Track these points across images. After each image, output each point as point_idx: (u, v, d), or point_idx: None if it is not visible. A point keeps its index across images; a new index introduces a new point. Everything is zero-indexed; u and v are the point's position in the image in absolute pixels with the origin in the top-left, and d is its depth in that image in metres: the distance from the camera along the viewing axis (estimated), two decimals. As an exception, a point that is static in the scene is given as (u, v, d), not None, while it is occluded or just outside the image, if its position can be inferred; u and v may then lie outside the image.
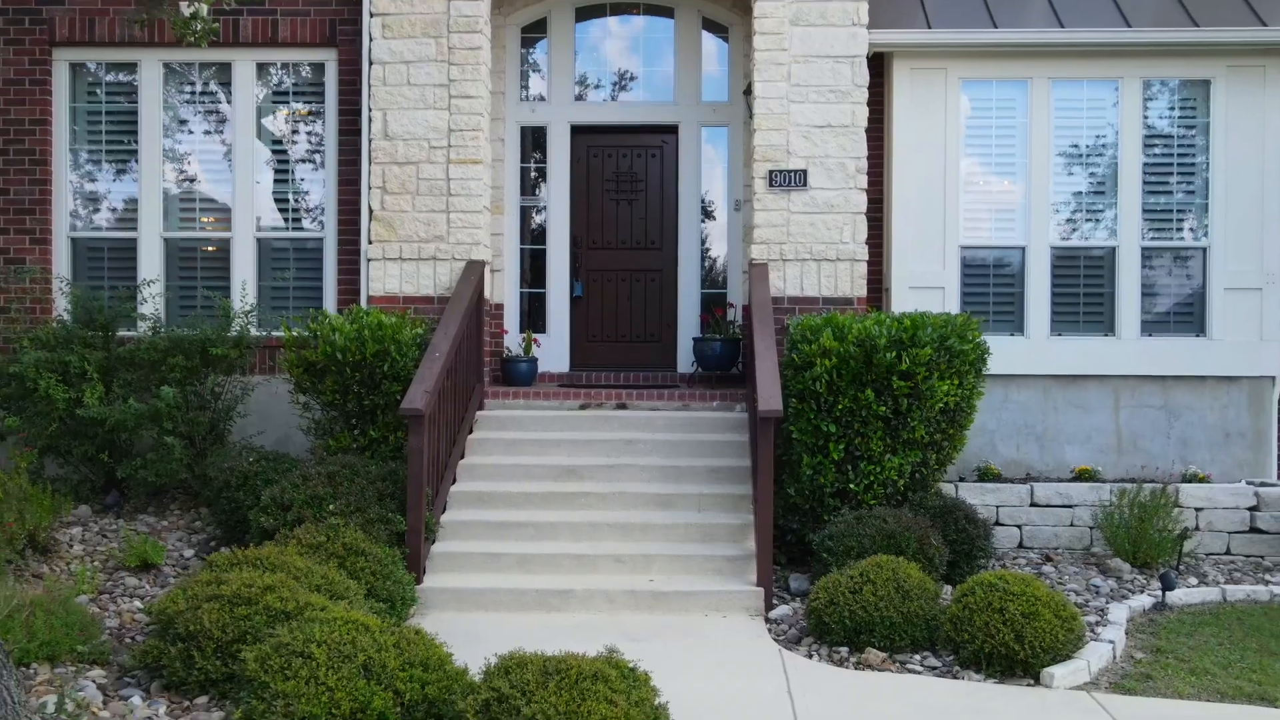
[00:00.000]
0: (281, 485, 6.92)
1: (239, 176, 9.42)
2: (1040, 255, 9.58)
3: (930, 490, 7.68)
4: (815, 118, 8.78)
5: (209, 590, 5.14)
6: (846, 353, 7.25)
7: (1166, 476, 9.23)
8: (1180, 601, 7.34)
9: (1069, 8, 9.71)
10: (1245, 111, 9.46)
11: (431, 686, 4.51)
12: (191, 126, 9.49)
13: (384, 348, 7.47)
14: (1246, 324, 9.50)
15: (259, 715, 4.33)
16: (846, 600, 6.02)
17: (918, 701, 5.29)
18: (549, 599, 6.64)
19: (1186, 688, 5.64)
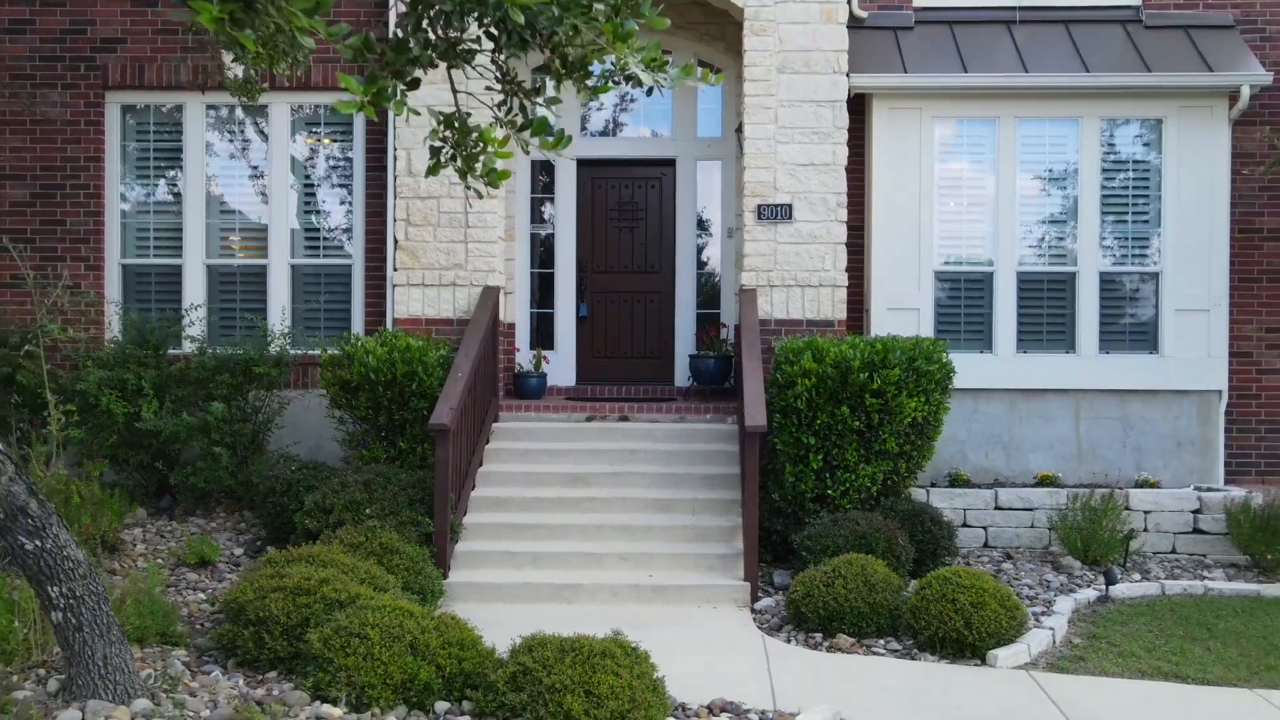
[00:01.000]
0: (323, 491, 7.81)
1: (274, 208, 10.31)
2: (1007, 279, 10.46)
3: (901, 495, 8.58)
4: (800, 157, 9.67)
5: (273, 583, 6.03)
6: (824, 373, 8.15)
7: (1121, 482, 10.11)
8: (1123, 595, 8.23)
9: (1033, 53, 10.60)
10: (1194, 148, 10.35)
11: (467, 662, 5.40)
12: (231, 162, 10.38)
13: (412, 369, 8.37)
14: (1196, 342, 10.38)
15: (326, 685, 5.22)
16: (820, 593, 6.91)
17: (877, 677, 6.19)
18: (561, 592, 7.52)
19: (1112, 667, 6.54)
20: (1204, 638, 7.22)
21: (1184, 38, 10.70)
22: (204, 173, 10.30)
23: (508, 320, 10.48)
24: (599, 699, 4.99)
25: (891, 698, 5.85)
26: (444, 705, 5.22)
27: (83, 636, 4.77)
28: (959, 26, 10.95)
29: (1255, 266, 10.85)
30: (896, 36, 10.84)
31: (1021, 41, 10.77)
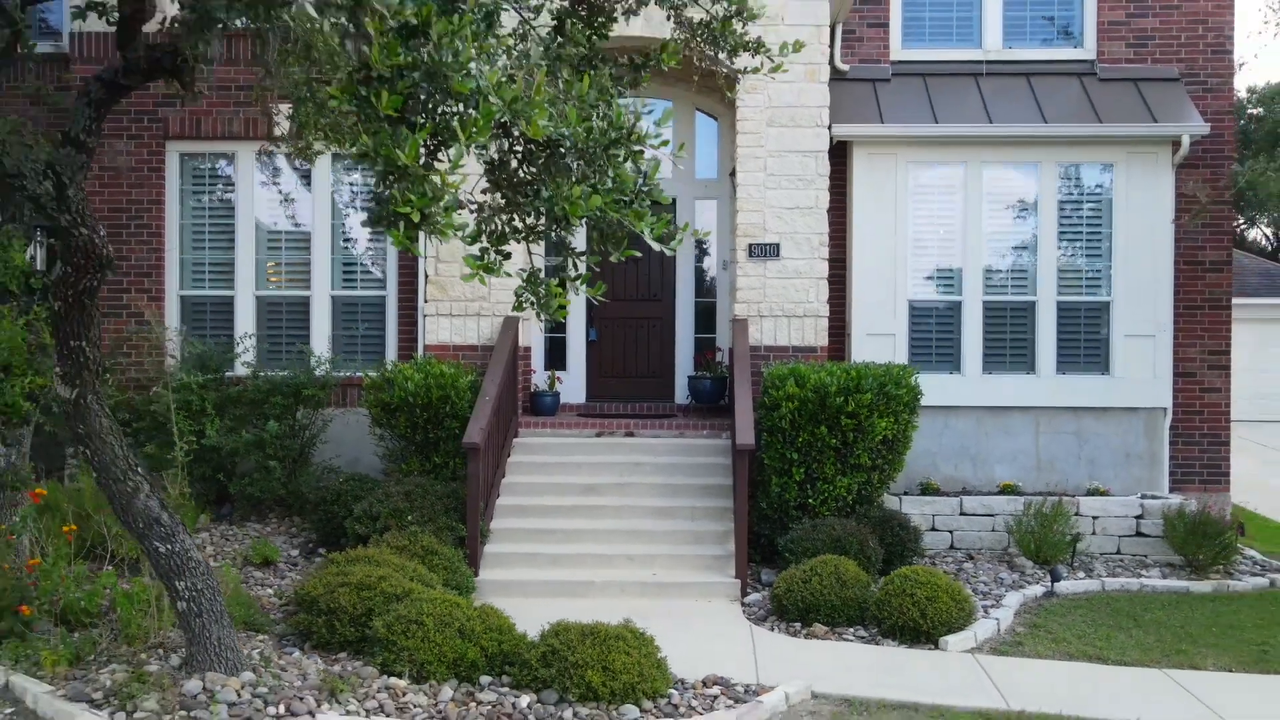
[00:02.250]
0: (369, 501, 9.00)
1: (316, 244, 11.50)
2: (974, 307, 11.64)
3: (874, 504, 9.76)
4: (786, 201, 10.86)
5: (340, 579, 7.20)
6: (806, 397, 9.34)
7: (1075, 490, 11.29)
8: (1067, 591, 9.42)
9: (997, 104, 11.78)
10: (1141, 190, 11.52)
11: (505, 644, 6.58)
12: (278, 203, 11.56)
13: (445, 393, 9.56)
14: (1143, 365, 11.56)
15: (391, 662, 6.41)
16: (799, 589, 8.10)
17: (844, 659, 7.38)
18: (576, 588, 8.70)
19: (1045, 651, 7.73)
20: (1130, 627, 8.40)
21: (1133, 90, 11.88)
22: (253, 212, 11.49)
23: (524, 344, 11.64)
24: (614, 673, 6.18)
25: (855, 675, 7.04)
26: (487, 679, 6.41)
27: (202, 622, 5.95)
28: (931, 78, 12.14)
29: (1198, 295, 12.03)
30: (875, 88, 12.03)
31: (987, 93, 11.96)
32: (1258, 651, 7.92)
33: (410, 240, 3.44)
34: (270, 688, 5.93)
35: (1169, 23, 12.07)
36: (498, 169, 4.11)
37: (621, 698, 6.16)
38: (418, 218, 3.23)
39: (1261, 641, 8.17)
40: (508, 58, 3.27)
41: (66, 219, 4.89)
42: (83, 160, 5.04)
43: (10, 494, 7.42)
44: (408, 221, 3.24)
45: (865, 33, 12.21)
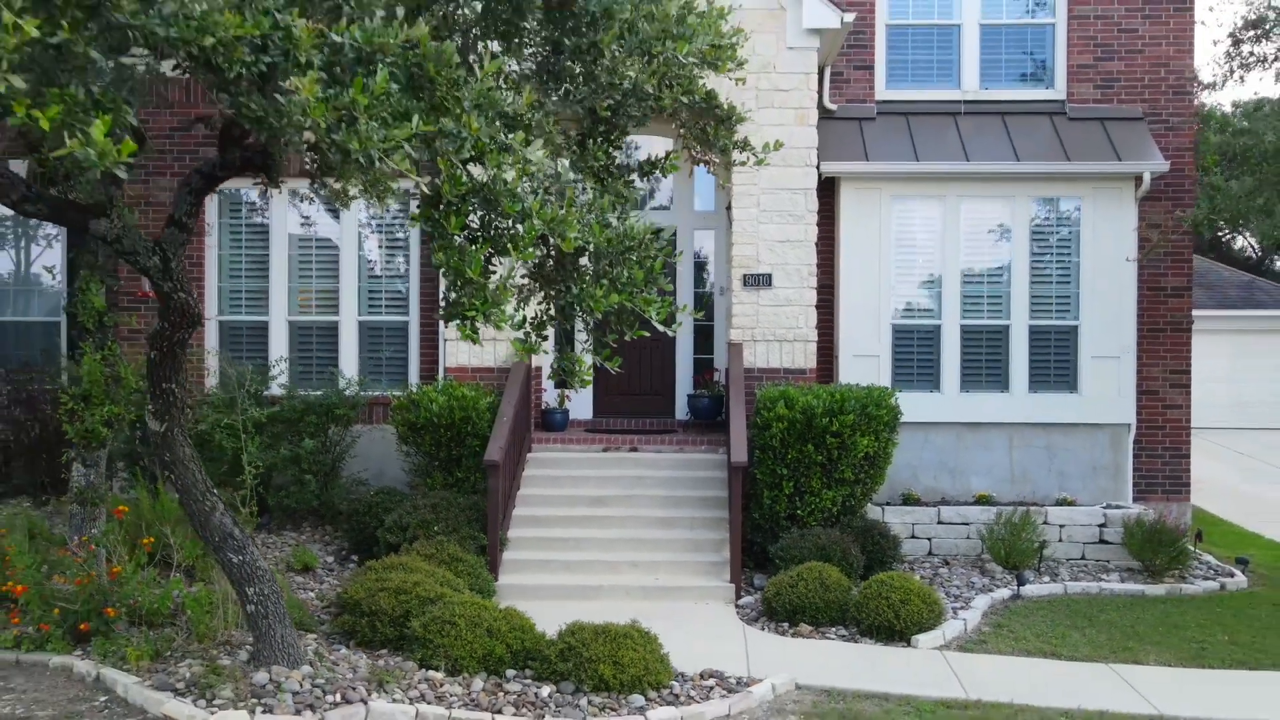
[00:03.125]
0: (399, 512, 9.94)
1: (345, 273, 12.44)
2: (952, 330, 12.58)
3: (857, 514, 10.70)
4: (778, 235, 11.80)
5: (379, 585, 8.14)
6: (794, 418, 10.28)
7: (1045, 501, 12.22)
8: (1032, 594, 10.36)
9: (974, 142, 12.72)
10: (1106, 223, 12.46)
11: (527, 642, 7.52)
12: (309, 235, 12.50)
13: (467, 414, 10.51)
14: (1108, 384, 12.50)
15: (428, 658, 7.35)
16: (787, 592, 9.04)
17: (826, 655, 8.32)
18: (586, 592, 9.63)
19: (1006, 648, 8.67)
20: (1084, 626, 9.35)
21: (1100, 129, 12.83)
22: (286, 244, 12.43)
23: (536, 364, 12.57)
24: (623, 667, 7.12)
25: (835, 669, 7.98)
26: (512, 672, 7.35)
27: (268, 622, 6.89)
28: (913, 117, 13.08)
29: (1161, 319, 12.98)
30: (861, 126, 12.97)
31: (965, 131, 12.91)
32: (1196, 648, 8.87)
33: (474, 332, 4.40)
34: (326, 679, 6.87)
35: (1133, 66, 13.02)
36: (537, 270, 5.06)
37: (629, 688, 7.10)
38: (481, 319, 4.19)
39: (1201, 640, 9.11)
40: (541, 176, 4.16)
41: (168, 285, 5.83)
42: (184, 239, 5.96)
43: (90, 509, 8.36)
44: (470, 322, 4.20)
45: (852, 74, 13.16)
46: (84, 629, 7.37)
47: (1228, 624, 9.65)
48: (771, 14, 11.83)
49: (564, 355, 5.52)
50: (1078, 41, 13.04)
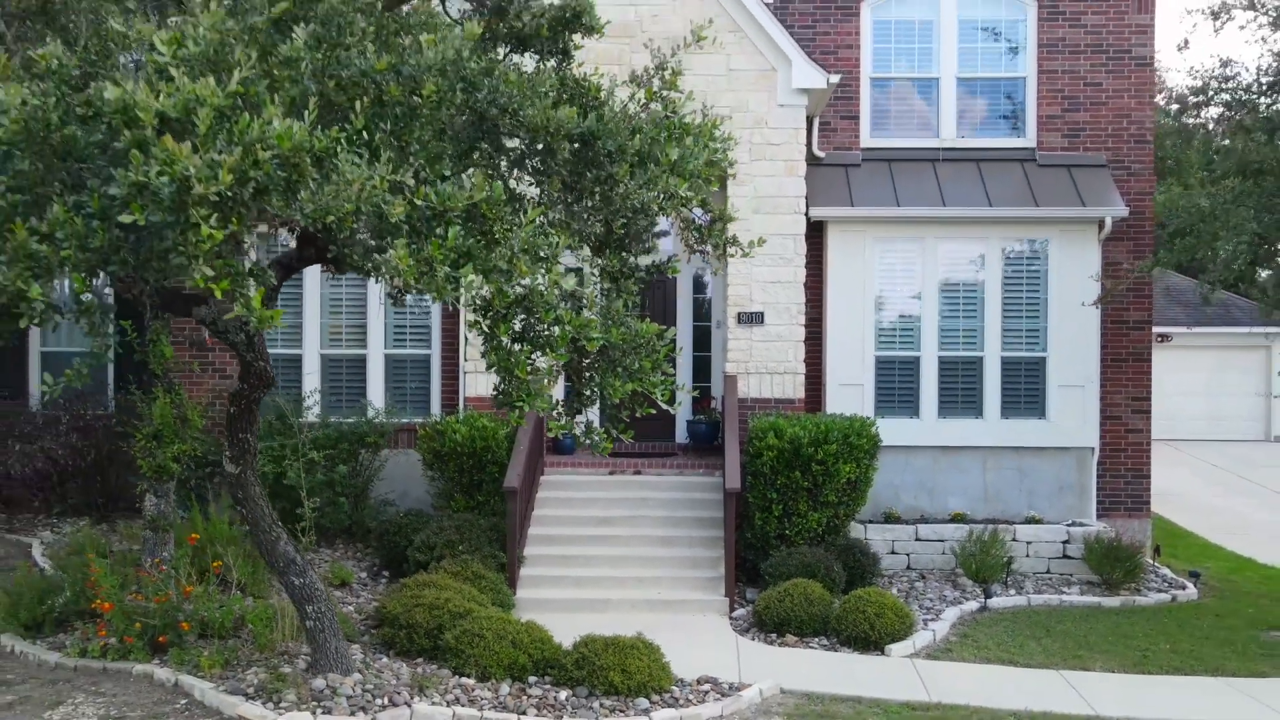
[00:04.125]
0: (427, 533, 11.03)
1: (371, 310, 13.54)
2: (930, 361, 13.67)
3: (841, 534, 11.80)
4: (769, 276, 12.90)
5: (414, 601, 9.23)
6: (783, 447, 11.38)
7: (1016, 518, 13.29)
8: (998, 606, 11.45)
9: (951, 187, 13.82)
10: (1071, 262, 13.55)
11: (546, 652, 8.61)
12: (340, 276, 13.60)
13: (487, 443, 11.61)
14: (1074, 411, 13.59)
15: (459, 666, 8.44)
16: (775, 606, 10.14)
17: (809, 662, 9.42)
18: (595, 605, 10.71)
19: (969, 656, 9.77)
20: (1041, 636, 10.44)
21: (1066, 175, 13.93)
22: (319, 283, 13.52)
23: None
24: (630, 674, 8.22)
25: (816, 675, 9.08)
26: (534, 679, 8.45)
27: (324, 635, 7.99)
28: (895, 164, 14.19)
29: (1124, 350, 14.09)
30: (847, 173, 14.08)
31: (943, 177, 14.01)
32: (1139, 656, 9.96)
33: (520, 418, 5.50)
34: (374, 685, 7.97)
35: (1098, 116, 14.12)
36: (567, 365, 6.16)
37: (636, 692, 8.19)
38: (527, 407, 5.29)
39: (1145, 648, 10.21)
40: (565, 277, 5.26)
41: (250, 356, 6.91)
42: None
43: (161, 534, 9.44)
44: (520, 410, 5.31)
45: (839, 124, 14.26)
46: (162, 641, 8.47)
47: (1172, 634, 10.74)
48: (763, 74, 12.94)
49: (590, 430, 6.61)
50: (1047, 94, 14.14)
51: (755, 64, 12.95)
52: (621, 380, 5.79)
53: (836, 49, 14.22)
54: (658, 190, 5.62)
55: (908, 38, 14.40)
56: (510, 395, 5.55)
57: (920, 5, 14.36)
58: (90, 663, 8.48)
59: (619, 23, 12.43)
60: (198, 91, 4.08)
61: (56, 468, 13.09)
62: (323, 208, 4.37)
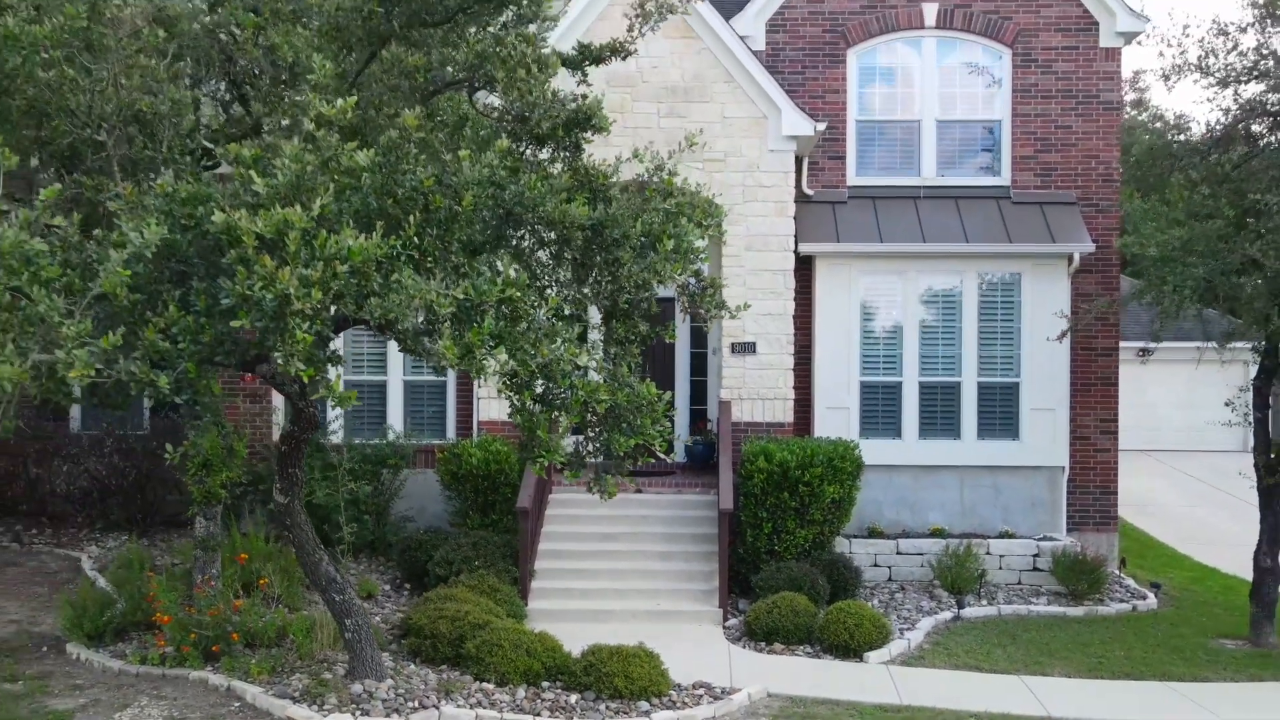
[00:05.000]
0: (445, 549, 12.04)
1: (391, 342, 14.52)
2: (911, 386, 14.67)
3: (826, 549, 12.80)
4: (761, 309, 13.91)
5: (438, 613, 10.22)
6: (772, 470, 12.39)
7: (990, 533, 14.29)
8: (971, 616, 12.46)
9: (931, 225, 14.81)
10: (1042, 294, 14.54)
11: (557, 659, 9.61)
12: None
13: (500, 466, 12.62)
14: (1045, 432, 14.59)
15: (480, 672, 9.44)
16: (764, 617, 11.14)
17: (794, 668, 10.42)
18: (599, 615, 11.70)
19: (939, 662, 10.77)
20: (1007, 644, 11.44)
21: (1039, 212, 14.94)
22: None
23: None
24: (632, 679, 9.23)
25: (801, 680, 10.08)
26: (546, 684, 9.45)
27: (361, 646, 8.99)
28: (879, 201, 15.19)
29: (1093, 375, 15.09)
30: (834, 210, 15.08)
31: (923, 214, 15.01)
32: (1095, 662, 10.97)
33: (543, 469, 6.50)
34: (406, 690, 8.98)
35: (1068, 157, 15.13)
36: (580, 423, 7.16)
37: (638, 696, 9.20)
38: (546, 460, 6.29)
39: (1101, 654, 11.22)
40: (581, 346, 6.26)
41: (302, 404, 7.92)
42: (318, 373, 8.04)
43: (209, 554, 10.45)
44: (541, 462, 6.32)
45: (827, 163, 15.27)
46: (215, 650, 9.48)
47: (1128, 641, 11.75)
48: (756, 122, 13.95)
49: (598, 478, 7.61)
50: (1021, 136, 15.15)
51: (748, 112, 13.97)
52: (625, 436, 6.80)
53: (824, 93, 15.23)
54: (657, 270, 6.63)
55: (891, 83, 15.41)
56: (533, 450, 6.58)
57: (903, 52, 15.37)
58: (150, 669, 9.49)
59: (621, 73, 13.44)
60: (288, 216, 5.08)
61: (98, 486, 14.12)
62: (388, 310, 5.37)
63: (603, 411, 6.62)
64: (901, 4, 15.20)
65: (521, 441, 6.94)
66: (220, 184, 7.17)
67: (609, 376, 6.90)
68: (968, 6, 15.14)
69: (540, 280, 6.98)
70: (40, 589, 12.04)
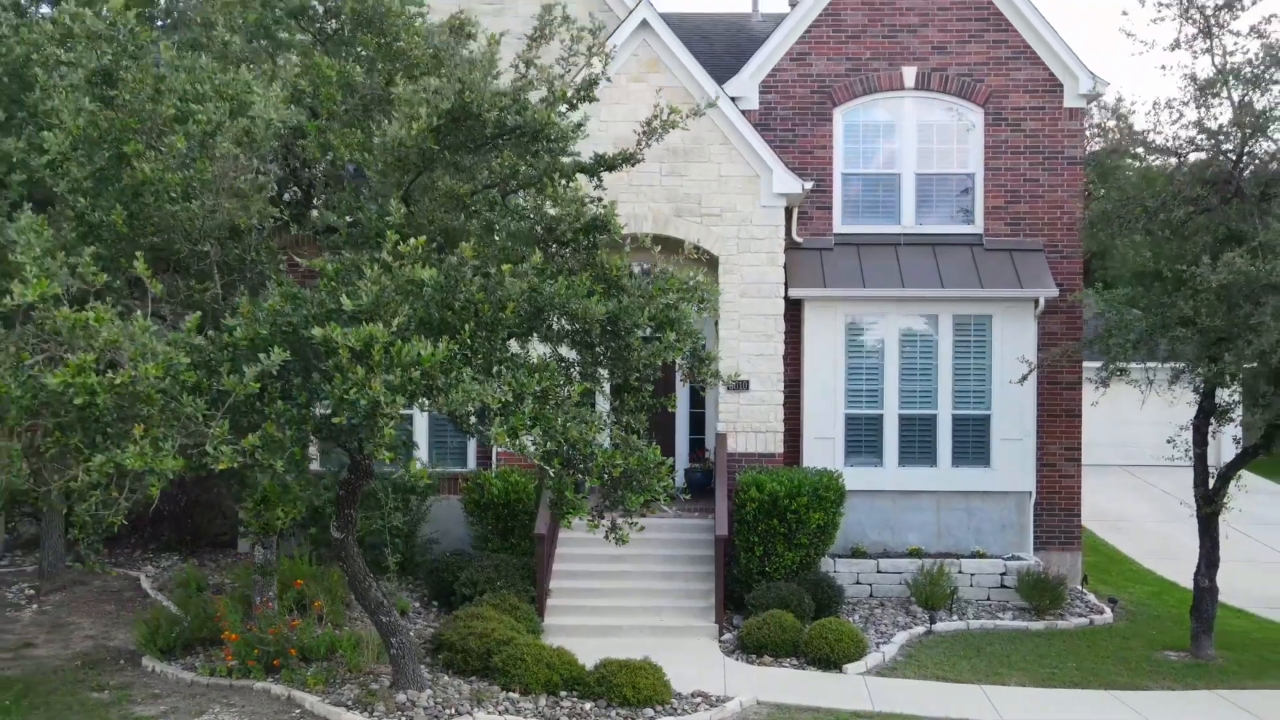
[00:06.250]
0: (470, 571, 13.43)
1: (416, 376, 15.96)
2: (892, 418, 16.06)
3: (812, 569, 14.20)
4: (754, 350, 15.31)
5: (467, 630, 11.61)
6: (763, 499, 13.80)
7: (964, 552, 15.66)
8: (942, 630, 13.85)
9: (910, 271, 16.18)
10: (1011, 334, 15.92)
11: (573, 672, 11.00)
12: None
13: (519, 495, 14.02)
14: (1014, 460, 15.98)
15: (506, 683, 10.82)
16: (755, 632, 12.54)
17: (781, 679, 11.82)
18: (608, 631, 13.09)
19: (910, 673, 12.17)
20: (972, 656, 12.84)
21: (1009, 259, 16.34)
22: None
23: (566, 445, 16.07)
24: (639, 689, 10.62)
25: (787, 689, 11.47)
26: (564, 693, 10.85)
27: (404, 660, 10.38)
28: (863, 248, 16.58)
29: (1059, 407, 16.48)
30: (821, 256, 16.47)
31: (903, 260, 16.40)
32: (1048, 673, 12.36)
33: (568, 522, 7.90)
34: (443, 699, 10.38)
35: (1036, 208, 16.53)
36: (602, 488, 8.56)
37: (643, 704, 10.59)
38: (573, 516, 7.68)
39: (1055, 666, 12.60)
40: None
41: (360, 457, 9.32)
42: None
43: (267, 578, 11.85)
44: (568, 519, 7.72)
45: (815, 213, 16.66)
46: (275, 664, 10.88)
47: (1081, 654, 13.14)
48: (749, 180, 15.36)
49: (614, 528, 9.00)
50: (992, 188, 16.55)
51: (742, 171, 15.37)
52: (636, 494, 8.19)
53: (813, 148, 16.63)
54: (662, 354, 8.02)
55: (874, 139, 16.81)
56: (561, 508, 7.98)
57: (885, 110, 16.77)
58: (219, 680, 10.89)
59: (624, 136, 14.60)
60: (373, 332, 6.46)
61: (151, 510, 15.51)
62: (453, 406, 6.75)
63: (617, 475, 8.03)
64: (883, 67, 16.61)
65: (552, 500, 8.35)
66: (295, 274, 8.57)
67: (621, 442, 8.29)
68: (944, 70, 16.55)
69: (565, 360, 8.39)
70: (108, 607, 13.45)
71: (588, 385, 7.91)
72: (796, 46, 16.60)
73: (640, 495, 8.19)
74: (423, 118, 7.23)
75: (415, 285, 6.84)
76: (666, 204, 15.41)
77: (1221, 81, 12.79)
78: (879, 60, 16.62)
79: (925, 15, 16.55)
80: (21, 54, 9.04)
